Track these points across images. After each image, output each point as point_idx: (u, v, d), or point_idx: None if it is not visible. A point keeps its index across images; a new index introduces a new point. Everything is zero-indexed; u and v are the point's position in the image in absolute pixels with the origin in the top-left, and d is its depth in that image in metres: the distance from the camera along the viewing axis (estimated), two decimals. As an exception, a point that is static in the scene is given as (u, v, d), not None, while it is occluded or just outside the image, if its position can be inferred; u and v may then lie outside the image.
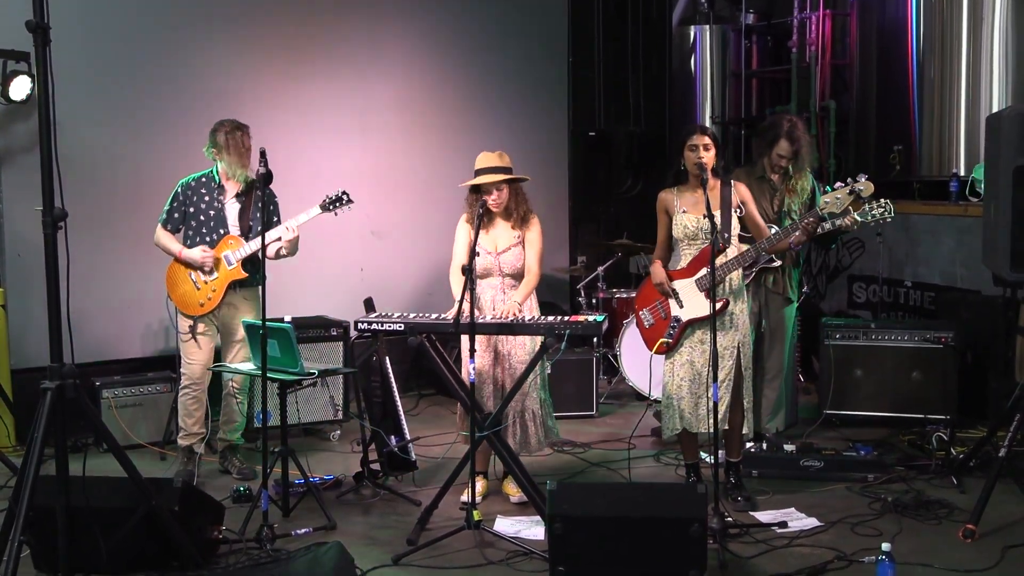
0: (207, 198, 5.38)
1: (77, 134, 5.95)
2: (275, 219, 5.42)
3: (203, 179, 5.41)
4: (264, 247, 4.74)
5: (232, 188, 5.40)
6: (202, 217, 5.37)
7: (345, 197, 5.35)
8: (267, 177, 4.51)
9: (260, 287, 4.73)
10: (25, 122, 6.07)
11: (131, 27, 6.46)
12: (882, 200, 4.86)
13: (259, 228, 5.20)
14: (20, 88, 5.96)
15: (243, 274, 5.36)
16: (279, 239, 5.29)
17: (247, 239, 5.35)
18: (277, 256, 5.36)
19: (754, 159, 5.81)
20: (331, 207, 5.35)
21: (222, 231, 5.37)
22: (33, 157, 5.30)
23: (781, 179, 5.59)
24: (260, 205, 5.21)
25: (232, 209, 5.40)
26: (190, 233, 5.39)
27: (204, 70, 6.72)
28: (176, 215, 5.38)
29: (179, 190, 5.39)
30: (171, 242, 5.39)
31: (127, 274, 6.31)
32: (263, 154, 4.49)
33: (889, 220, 4.89)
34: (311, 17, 7.14)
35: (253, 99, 6.88)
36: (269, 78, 6.97)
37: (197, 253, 5.31)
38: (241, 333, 5.30)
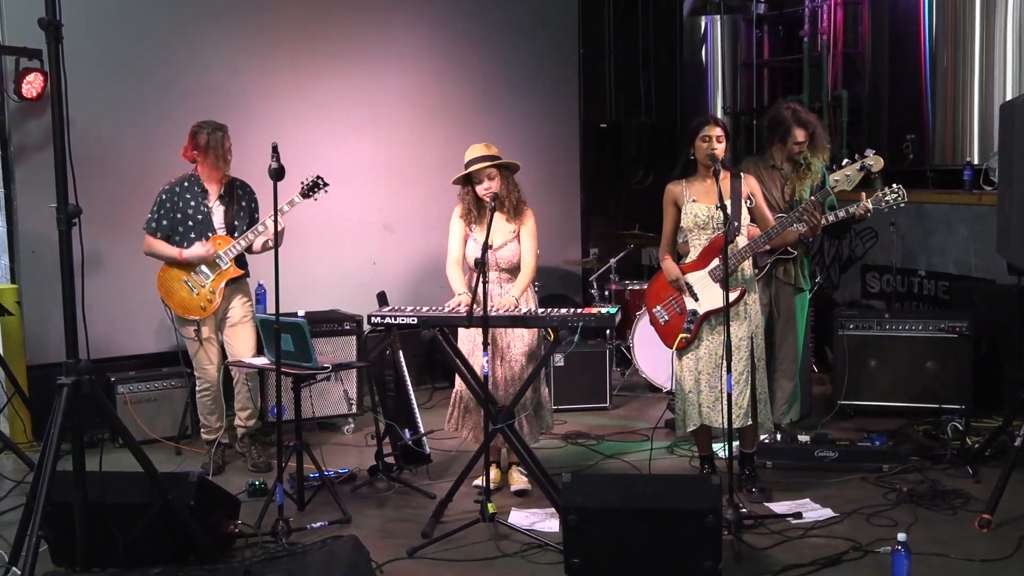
0: (192, 203, 5.43)
1: (89, 131, 5.97)
2: (256, 215, 5.54)
3: (186, 184, 5.45)
4: (278, 241, 4.75)
5: (214, 191, 5.46)
6: (190, 222, 5.42)
7: (320, 181, 5.33)
8: (279, 172, 4.50)
9: (247, 276, 5.42)
10: (37, 119, 6.09)
11: (142, 23, 6.48)
12: (894, 185, 4.93)
13: (243, 227, 5.42)
14: (33, 85, 5.98)
15: (238, 271, 5.47)
16: (265, 233, 5.36)
17: (233, 237, 5.43)
18: (264, 248, 5.44)
19: (765, 149, 5.77)
20: (310, 193, 5.33)
21: (210, 233, 5.43)
22: (46, 154, 5.33)
23: (793, 167, 5.54)
24: (242, 204, 5.46)
25: (217, 211, 5.46)
26: (176, 238, 5.43)
27: (216, 66, 6.74)
28: (164, 222, 5.42)
29: (164, 197, 5.43)
30: (166, 247, 5.42)
31: (140, 270, 6.30)
32: (275, 149, 4.48)
33: (903, 205, 4.93)
34: (321, 11, 7.14)
35: (264, 94, 6.91)
36: (280, 72, 6.98)
37: (200, 249, 5.37)
38: (237, 315, 5.47)
